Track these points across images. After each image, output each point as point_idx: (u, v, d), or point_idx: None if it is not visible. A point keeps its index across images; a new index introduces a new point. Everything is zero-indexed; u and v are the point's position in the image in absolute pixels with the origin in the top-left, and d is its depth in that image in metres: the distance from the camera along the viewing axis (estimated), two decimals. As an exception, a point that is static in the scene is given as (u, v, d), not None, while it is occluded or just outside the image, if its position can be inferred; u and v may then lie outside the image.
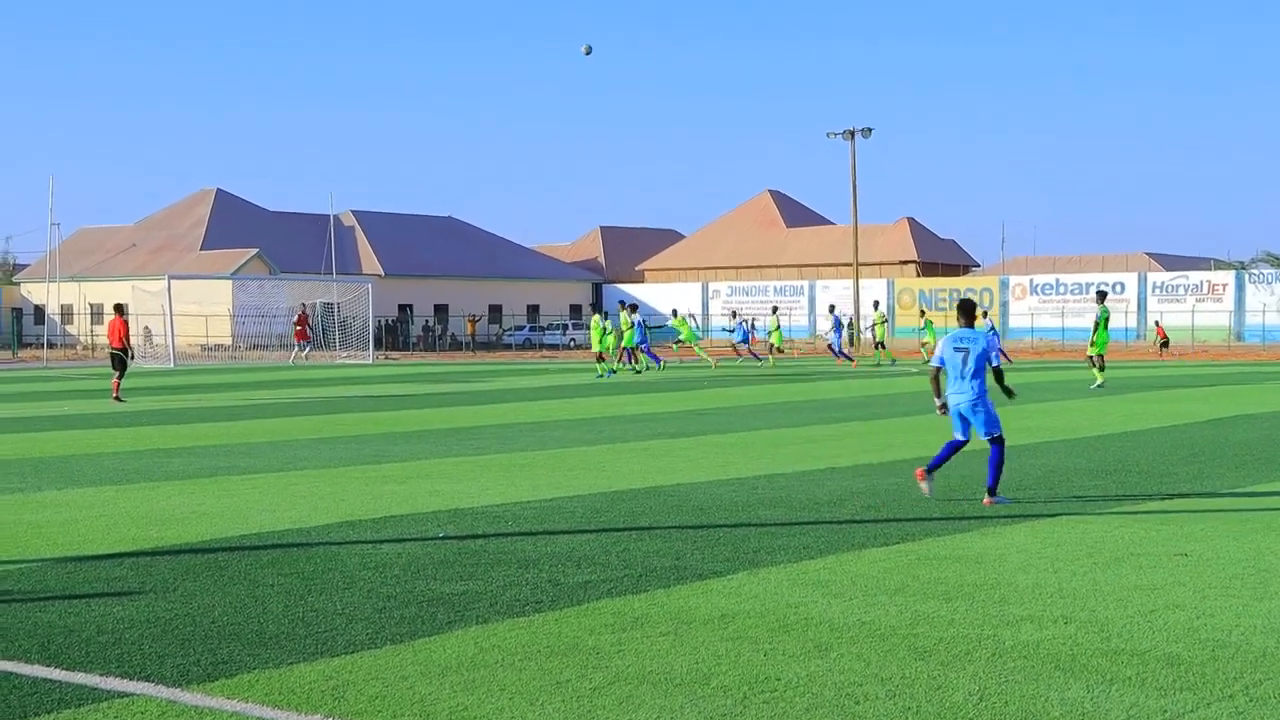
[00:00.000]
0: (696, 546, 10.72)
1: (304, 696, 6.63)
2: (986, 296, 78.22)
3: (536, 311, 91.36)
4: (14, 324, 77.57)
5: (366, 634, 7.86)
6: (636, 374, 42.67)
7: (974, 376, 13.01)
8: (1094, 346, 33.16)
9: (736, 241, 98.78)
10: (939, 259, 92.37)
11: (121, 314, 31.50)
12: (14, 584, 9.41)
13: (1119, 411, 25.14)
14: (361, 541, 11.05)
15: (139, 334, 37.81)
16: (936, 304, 76.76)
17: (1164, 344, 63.86)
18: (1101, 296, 33.45)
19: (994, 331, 51.64)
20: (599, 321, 44.00)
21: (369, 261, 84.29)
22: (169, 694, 6.66)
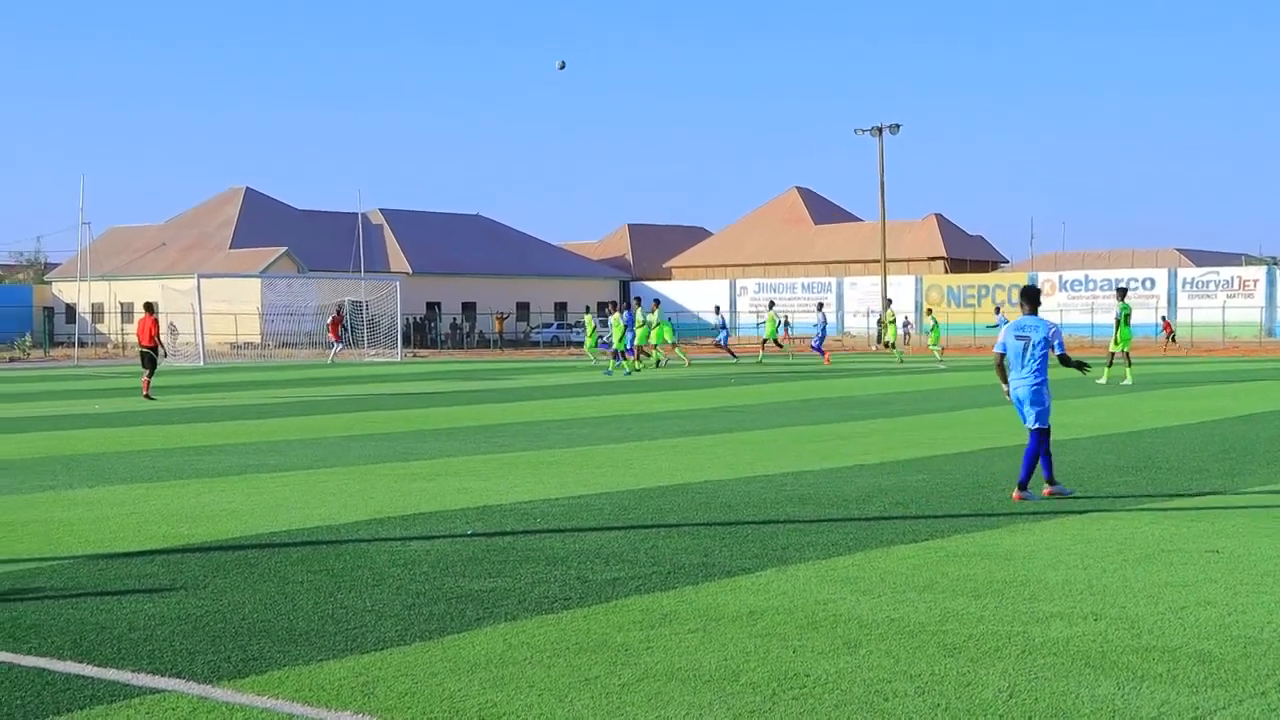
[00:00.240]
0: (724, 543, 10.72)
1: (334, 693, 6.66)
2: (1015, 293, 77.93)
3: (564, 309, 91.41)
4: (46, 323, 78.16)
5: (396, 631, 7.89)
6: (607, 374, 41.45)
7: (1035, 364, 13.04)
8: (1117, 343, 33.12)
9: (764, 239, 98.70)
10: (967, 255, 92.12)
11: (152, 312, 31.65)
12: (46, 581, 9.48)
13: (1148, 407, 25.02)
14: (391, 539, 11.09)
15: (165, 331, 37.92)
16: (965, 300, 76.56)
17: (1171, 337, 64.01)
18: (1122, 293, 33.38)
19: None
20: (618, 319, 43.90)
21: (397, 259, 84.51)
22: (200, 690, 6.71)
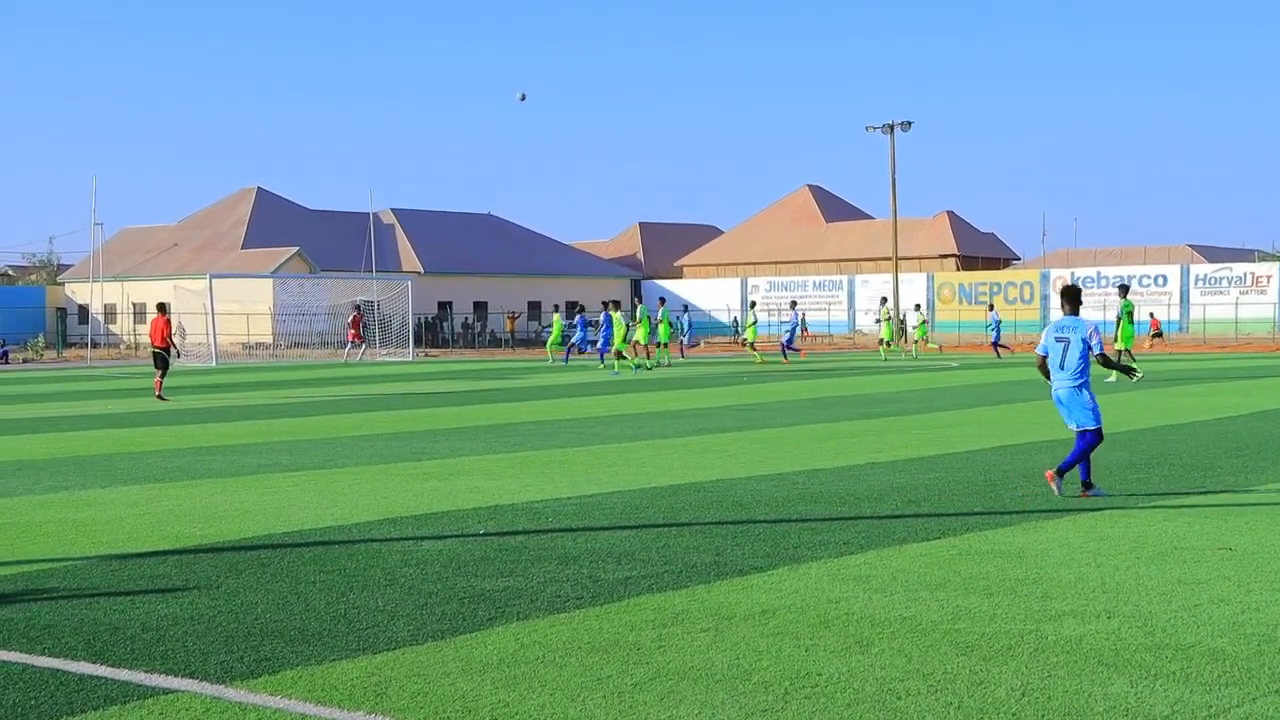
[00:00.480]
0: (736, 542, 10.71)
1: (346, 693, 6.67)
2: (1027, 290, 77.79)
3: (575, 308, 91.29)
4: (59, 324, 78.34)
5: (408, 631, 7.89)
6: (614, 374, 41.04)
7: (1075, 365, 13.04)
8: (1119, 341, 33.16)
9: (776, 237, 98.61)
10: (979, 252, 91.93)
11: (164, 313, 31.73)
12: (60, 581, 9.50)
13: (1159, 405, 24.95)
14: (403, 538, 11.10)
15: (175, 331, 37.99)
16: (977, 298, 76.41)
17: (1156, 335, 63.71)
18: (1124, 290, 33.49)
19: (998, 324, 51.80)
20: (619, 319, 43.98)
21: (408, 259, 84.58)
22: (213, 690, 6.72)
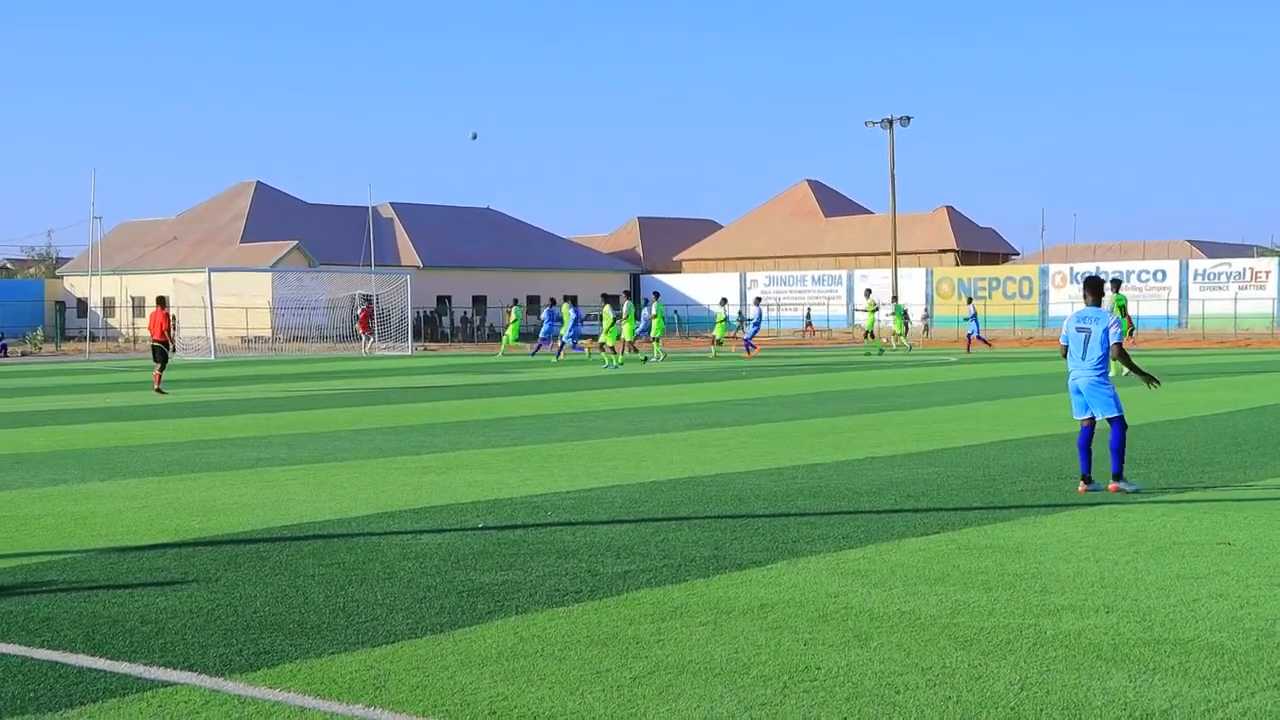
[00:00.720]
0: (735, 536, 10.71)
1: (345, 686, 6.66)
2: (1026, 285, 77.80)
3: (575, 302, 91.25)
4: (57, 317, 78.31)
5: (407, 624, 7.89)
6: (613, 369, 41.04)
7: (1096, 356, 13.04)
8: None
9: (775, 231, 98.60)
10: (978, 247, 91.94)
11: (163, 307, 31.72)
12: (59, 574, 9.50)
13: (1159, 400, 24.93)
14: (402, 532, 11.10)
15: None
16: (976, 293, 76.39)
17: (1129, 331, 63.64)
18: (1116, 285, 33.46)
19: (974, 317, 51.81)
20: (609, 312, 44.30)
21: (407, 253, 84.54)
22: (212, 683, 6.72)
